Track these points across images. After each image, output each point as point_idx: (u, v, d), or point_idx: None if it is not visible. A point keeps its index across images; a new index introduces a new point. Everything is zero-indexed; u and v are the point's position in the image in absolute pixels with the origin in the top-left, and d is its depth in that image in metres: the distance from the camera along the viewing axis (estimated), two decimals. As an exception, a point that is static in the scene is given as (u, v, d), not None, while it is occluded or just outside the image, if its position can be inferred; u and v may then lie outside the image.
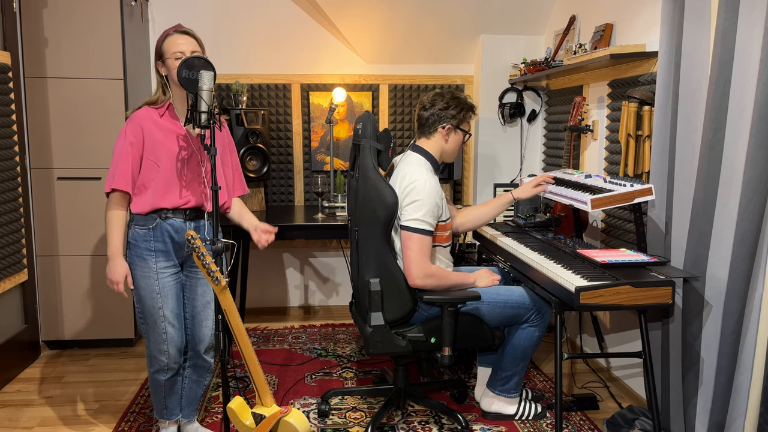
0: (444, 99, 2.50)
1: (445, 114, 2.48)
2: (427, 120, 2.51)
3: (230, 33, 3.79)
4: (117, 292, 2.22)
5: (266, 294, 4.08)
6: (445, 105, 2.49)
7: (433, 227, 2.35)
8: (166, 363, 2.28)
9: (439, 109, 2.49)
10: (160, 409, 2.39)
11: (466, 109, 2.52)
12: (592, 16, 3.17)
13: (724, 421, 2.09)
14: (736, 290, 2.01)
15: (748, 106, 1.95)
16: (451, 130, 2.50)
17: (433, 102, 2.51)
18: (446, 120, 2.49)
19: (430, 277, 2.34)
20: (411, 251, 2.33)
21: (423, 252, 2.33)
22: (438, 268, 2.39)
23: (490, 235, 2.90)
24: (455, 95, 2.53)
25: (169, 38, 2.18)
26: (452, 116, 2.49)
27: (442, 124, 2.49)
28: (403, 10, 3.61)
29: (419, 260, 2.32)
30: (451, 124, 2.49)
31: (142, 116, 2.20)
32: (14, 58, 3.09)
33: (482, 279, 2.53)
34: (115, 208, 2.20)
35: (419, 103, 2.57)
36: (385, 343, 2.39)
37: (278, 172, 3.96)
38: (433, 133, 2.51)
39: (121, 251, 2.21)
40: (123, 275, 2.20)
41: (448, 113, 2.48)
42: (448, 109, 2.48)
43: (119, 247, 2.20)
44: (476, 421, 2.65)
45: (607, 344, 3.07)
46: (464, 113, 2.51)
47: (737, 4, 1.97)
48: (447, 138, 2.51)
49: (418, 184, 2.35)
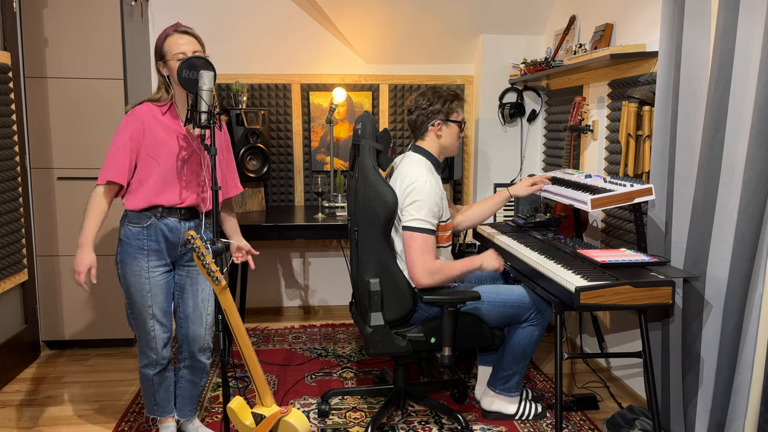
0: (425, 97, 2.50)
1: (430, 110, 2.48)
2: (415, 122, 2.52)
3: (230, 33, 3.79)
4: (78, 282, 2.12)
5: (266, 294, 4.08)
6: (428, 102, 2.48)
7: (434, 226, 2.35)
8: (154, 358, 2.29)
9: (422, 108, 2.49)
10: (151, 405, 2.39)
11: (450, 99, 2.50)
12: (592, 16, 3.17)
13: (724, 421, 2.09)
14: (736, 290, 2.01)
15: (748, 106, 1.95)
16: (441, 125, 2.49)
17: (416, 103, 2.52)
18: (433, 116, 2.48)
19: (435, 273, 2.33)
20: (413, 251, 2.32)
21: (426, 251, 2.32)
22: (441, 262, 2.38)
23: (490, 235, 2.90)
24: (436, 90, 2.52)
25: (169, 38, 2.18)
26: (438, 111, 2.48)
27: (430, 122, 2.49)
28: (403, 10, 3.61)
29: (422, 260, 2.32)
30: (439, 119, 2.49)
31: (144, 112, 2.19)
32: (14, 58, 3.09)
33: (489, 260, 2.49)
34: (99, 198, 2.15)
35: (406, 109, 2.57)
36: (385, 343, 2.39)
37: (278, 172, 3.96)
38: (425, 133, 2.52)
39: (91, 241, 2.13)
40: (87, 266, 2.12)
41: (434, 109, 2.48)
42: (431, 105, 2.48)
43: (91, 237, 2.13)
44: (476, 421, 2.65)
45: (607, 344, 3.07)
46: (449, 104, 2.49)
47: (737, 4, 1.97)
48: (440, 134, 2.50)
49: (418, 184, 2.35)
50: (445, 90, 2.52)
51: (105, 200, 2.17)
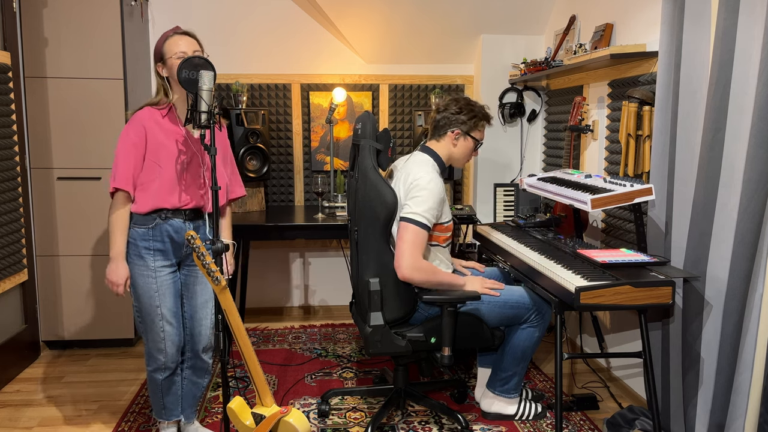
0: (458, 104, 2.52)
1: (456, 119, 2.50)
2: (438, 122, 2.54)
3: (230, 33, 3.79)
4: (115, 293, 2.22)
5: (266, 294, 4.08)
6: (457, 110, 2.50)
7: (431, 224, 2.35)
8: (163, 362, 2.28)
9: (450, 113, 2.51)
10: (159, 409, 2.38)
11: (479, 117, 2.52)
12: (592, 16, 3.17)
13: (724, 421, 2.09)
14: (736, 290, 2.01)
15: (748, 106, 1.95)
16: (460, 136, 2.51)
17: (446, 106, 2.53)
18: (456, 125, 2.50)
19: (419, 270, 2.31)
20: (404, 242, 2.31)
21: (416, 245, 2.32)
22: (429, 264, 2.38)
23: (490, 235, 2.90)
24: (470, 102, 2.54)
25: (169, 39, 2.19)
26: (462, 122, 2.50)
27: (451, 128, 2.51)
28: (403, 10, 3.61)
29: (411, 252, 2.31)
30: (460, 129, 2.50)
31: (145, 116, 2.20)
32: (14, 58, 3.09)
33: (472, 284, 2.46)
34: (119, 209, 2.20)
35: (434, 105, 2.58)
36: (384, 343, 2.39)
37: (278, 172, 3.95)
38: (443, 136, 2.53)
39: (123, 253, 2.20)
40: (124, 278, 2.20)
41: (459, 118, 2.50)
42: (459, 114, 2.50)
43: (122, 250, 2.20)
44: (476, 421, 2.65)
45: (607, 344, 3.07)
46: (475, 121, 2.51)
47: (737, 4, 1.97)
48: (455, 143, 2.52)
49: (421, 181, 2.36)
50: (479, 108, 2.54)
51: (123, 209, 2.20)
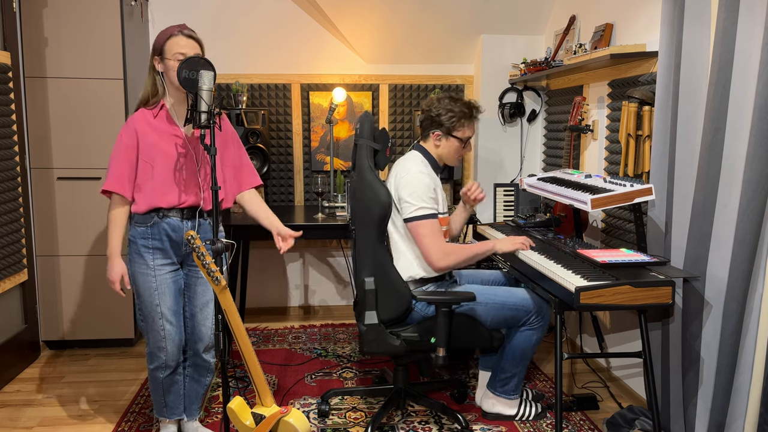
0: (441, 104, 2.51)
1: (436, 120, 2.51)
2: (421, 124, 2.58)
3: (230, 33, 3.79)
4: (115, 291, 2.24)
5: (266, 294, 4.08)
6: (437, 112, 2.50)
7: (435, 210, 2.40)
8: (164, 360, 2.29)
9: (432, 115, 2.52)
10: (160, 408, 2.39)
11: (458, 116, 2.50)
12: (592, 16, 3.17)
13: (724, 421, 2.09)
14: (736, 290, 2.01)
15: (748, 106, 1.95)
16: (441, 137, 2.53)
17: (428, 107, 2.54)
18: (436, 127, 2.51)
19: (448, 255, 2.38)
20: (422, 238, 2.37)
21: (434, 234, 2.37)
22: (454, 245, 2.43)
23: (490, 235, 2.90)
24: (452, 100, 2.52)
25: (173, 38, 2.18)
26: (440, 123, 2.50)
27: (432, 129, 2.52)
28: (403, 10, 3.61)
29: (434, 244, 2.36)
30: (440, 131, 2.51)
31: (137, 119, 2.23)
32: (14, 58, 3.09)
33: (503, 243, 2.51)
34: (115, 208, 2.23)
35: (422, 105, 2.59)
36: (379, 342, 2.39)
37: (278, 172, 3.95)
38: (427, 137, 2.56)
39: (118, 251, 2.23)
40: (119, 275, 2.22)
41: (440, 120, 2.50)
42: (440, 116, 2.50)
43: (117, 247, 2.23)
44: (476, 421, 2.65)
45: (607, 344, 3.07)
46: (453, 121, 2.50)
47: (737, 4, 1.97)
48: (438, 143, 2.54)
49: (408, 176, 2.43)
50: (460, 105, 2.51)
51: (119, 209, 2.24)
